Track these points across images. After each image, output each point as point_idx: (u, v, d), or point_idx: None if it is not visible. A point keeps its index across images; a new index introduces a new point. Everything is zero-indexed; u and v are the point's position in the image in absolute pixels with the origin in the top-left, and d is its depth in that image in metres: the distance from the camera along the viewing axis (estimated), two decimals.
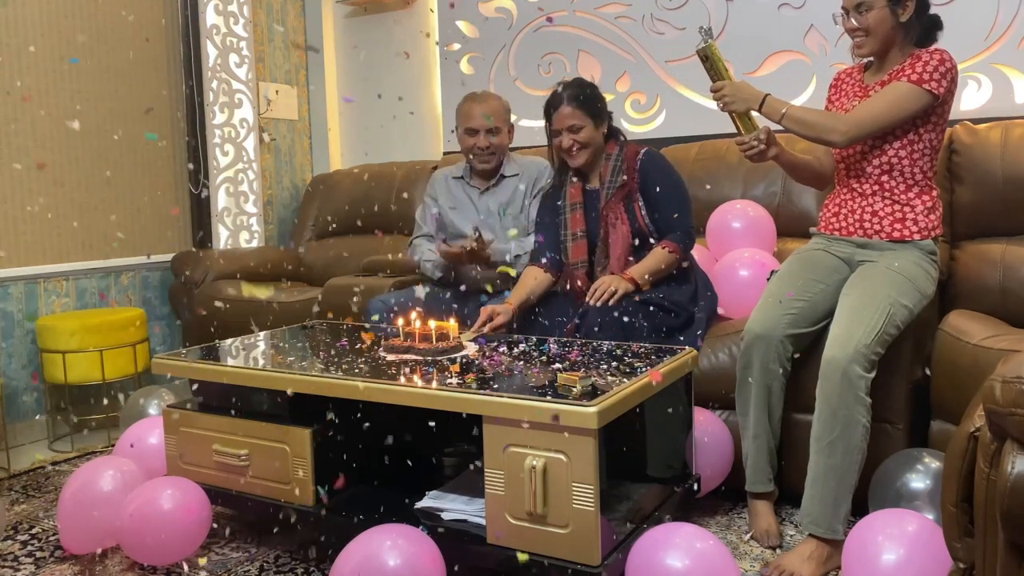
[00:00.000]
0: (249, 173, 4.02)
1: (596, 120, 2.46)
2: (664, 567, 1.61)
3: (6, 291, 3.19)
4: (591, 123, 2.44)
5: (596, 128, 2.46)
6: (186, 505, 2.02)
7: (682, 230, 2.42)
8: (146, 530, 1.97)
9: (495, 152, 2.80)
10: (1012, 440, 1.18)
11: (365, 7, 4.22)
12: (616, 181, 2.45)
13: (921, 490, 1.90)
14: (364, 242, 3.78)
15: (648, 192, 2.43)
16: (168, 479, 2.09)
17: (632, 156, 2.47)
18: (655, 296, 2.34)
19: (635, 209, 2.43)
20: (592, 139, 2.46)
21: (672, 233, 2.42)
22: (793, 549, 1.96)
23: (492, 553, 1.73)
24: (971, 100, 2.96)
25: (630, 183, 2.44)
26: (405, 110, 4.18)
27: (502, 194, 2.84)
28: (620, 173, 2.45)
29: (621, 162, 2.47)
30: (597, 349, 2.11)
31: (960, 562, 1.34)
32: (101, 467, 2.14)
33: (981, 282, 2.54)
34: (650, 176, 2.44)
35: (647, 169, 2.45)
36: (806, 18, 3.17)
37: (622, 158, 2.48)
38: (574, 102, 2.44)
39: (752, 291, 2.54)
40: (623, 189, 2.45)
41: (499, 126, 2.78)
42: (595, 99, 2.46)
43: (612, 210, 2.45)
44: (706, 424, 2.21)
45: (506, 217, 2.81)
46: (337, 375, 1.93)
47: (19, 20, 3.22)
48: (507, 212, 2.82)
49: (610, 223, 2.45)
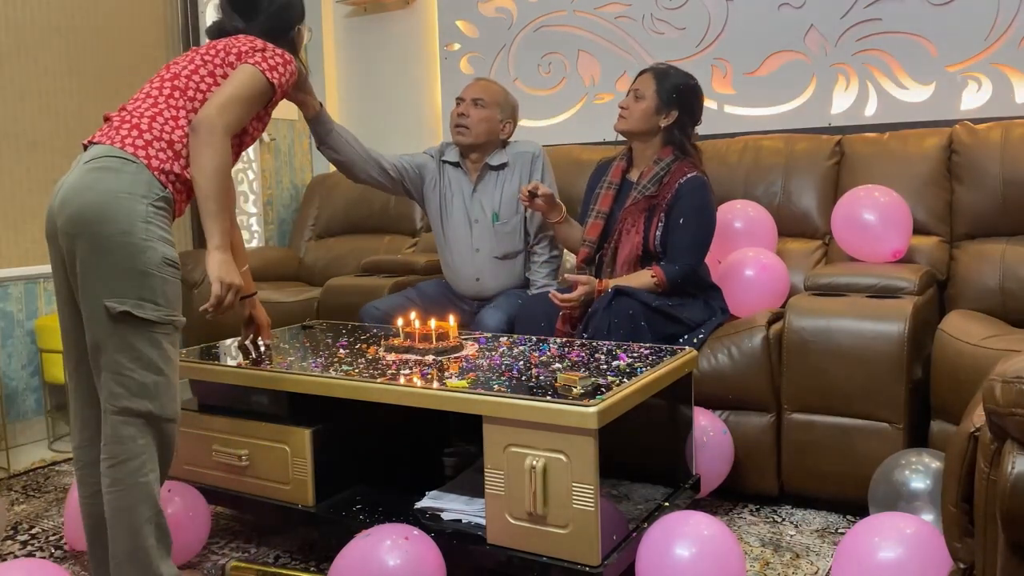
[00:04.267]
0: (249, 173, 4.02)
1: (663, 103, 2.43)
2: (674, 555, 1.64)
3: (6, 291, 3.19)
4: (656, 100, 2.44)
5: (657, 112, 2.44)
6: (184, 511, 2.01)
7: (681, 265, 2.38)
8: None
9: (470, 127, 2.70)
10: (1012, 440, 1.18)
11: (365, 7, 4.22)
12: (647, 189, 2.42)
13: (921, 490, 1.90)
14: (364, 242, 3.78)
15: (672, 216, 2.39)
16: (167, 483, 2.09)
17: (677, 175, 2.41)
18: (665, 304, 2.34)
19: (652, 224, 2.40)
20: (645, 112, 2.45)
21: (671, 264, 2.38)
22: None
23: (492, 553, 1.74)
24: (971, 100, 2.96)
25: (659, 199, 2.40)
26: (405, 110, 4.17)
27: (495, 193, 2.75)
28: (656, 185, 2.41)
29: (664, 175, 2.42)
30: (597, 349, 2.11)
31: (960, 562, 1.34)
32: None
33: (981, 282, 2.54)
34: (681, 203, 2.37)
35: (682, 195, 2.38)
36: (806, 18, 3.17)
37: (668, 172, 2.42)
38: (653, 72, 2.48)
39: (755, 292, 2.55)
40: (649, 200, 2.41)
41: (484, 99, 2.71)
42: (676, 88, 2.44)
43: (631, 216, 2.44)
44: (706, 424, 2.21)
45: (499, 224, 2.75)
46: (337, 375, 1.93)
47: (19, 20, 3.22)
48: (499, 219, 2.75)
49: (624, 230, 2.45)
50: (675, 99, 2.44)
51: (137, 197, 1.61)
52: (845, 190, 2.70)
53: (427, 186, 2.83)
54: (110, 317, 1.59)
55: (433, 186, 2.82)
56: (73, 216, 1.61)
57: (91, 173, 1.63)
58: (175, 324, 1.66)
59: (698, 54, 3.39)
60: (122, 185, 1.61)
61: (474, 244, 2.76)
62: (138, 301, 1.59)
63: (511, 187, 2.75)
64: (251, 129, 1.88)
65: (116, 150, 1.65)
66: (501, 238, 2.76)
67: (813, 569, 1.97)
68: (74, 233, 1.61)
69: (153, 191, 1.64)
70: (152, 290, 1.61)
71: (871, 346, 2.15)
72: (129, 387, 1.61)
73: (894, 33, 3.03)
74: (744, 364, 2.29)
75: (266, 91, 1.81)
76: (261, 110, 1.85)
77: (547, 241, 2.77)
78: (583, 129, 3.60)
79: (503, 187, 2.76)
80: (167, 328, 1.64)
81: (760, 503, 2.35)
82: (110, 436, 1.63)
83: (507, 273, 2.79)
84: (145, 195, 1.62)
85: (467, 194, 2.79)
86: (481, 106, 2.72)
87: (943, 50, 2.97)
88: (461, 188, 2.80)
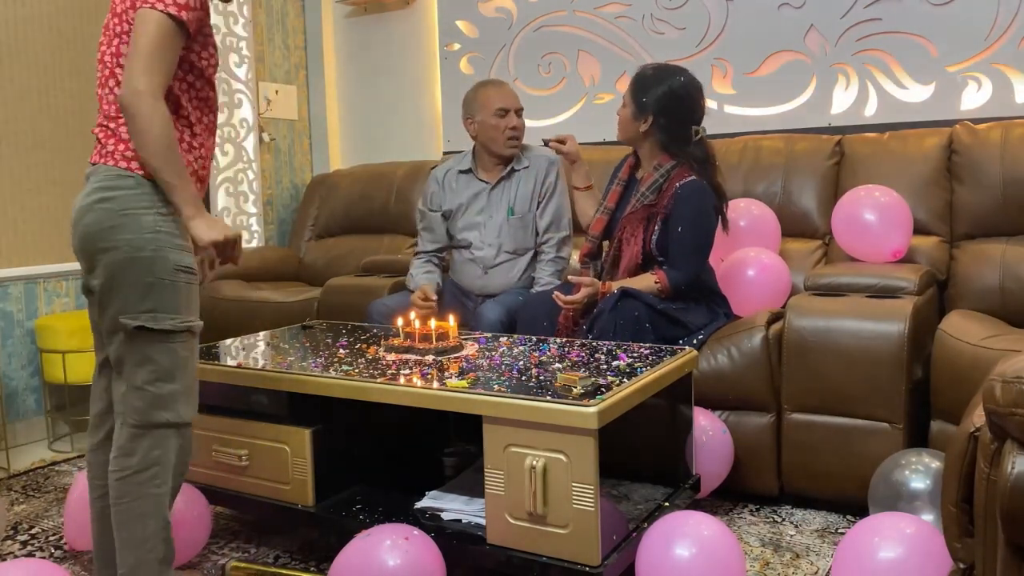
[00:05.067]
0: (249, 173, 4.02)
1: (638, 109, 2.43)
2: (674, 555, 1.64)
3: (6, 291, 3.19)
4: (632, 106, 2.44)
5: (635, 119, 2.44)
6: (187, 510, 2.01)
7: (684, 272, 2.37)
8: None
9: (521, 137, 2.78)
10: (1012, 440, 1.18)
11: (365, 7, 4.22)
12: (646, 198, 2.42)
13: (921, 490, 1.90)
14: (364, 242, 3.78)
15: (671, 223, 2.38)
16: None
17: (675, 181, 2.39)
18: (669, 308, 2.34)
19: (650, 230, 2.40)
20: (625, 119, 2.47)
21: (673, 269, 2.37)
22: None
23: (492, 553, 1.73)
24: (971, 100, 2.96)
25: (657, 207, 2.40)
26: (405, 110, 4.18)
27: (511, 190, 2.79)
28: (655, 193, 2.41)
29: (663, 182, 2.41)
30: (597, 349, 2.11)
31: (960, 562, 1.34)
32: None
33: (981, 282, 2.54)
34: (678, 209, 2.36)
35: (678, 202, 2.37)
36: (806, 18, 3.17)
37: (667, 179, 2.41)
38: (633, 77, 2.48)
39: (756, 291, 2.55)
40: (647, 209, 2.41)
41: (522, 107, 2.79)
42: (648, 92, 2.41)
43: (630, 225, 2.44)
44: (706, 424, 2.21)
45: (514, 217, 2.79)
46: (337, 375, 1.93)
47: (18, 19, 3.22)
48: (514, 212, 2.79)
49: (624, 239, 2.46)
50: (647, 104, 2.41)
51: (139, 211, 1.61)
52: (845, 190, 2.70)
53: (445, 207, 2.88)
54: (126, 333, 1.60)
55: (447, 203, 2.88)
56: (81, 240, 1.64)
57: (91, 196, 1.64)
58: (192, 330, 1.66)
59: (698, 54, 3.39)
60: (123, 204, 1.61)
61: (485, 239, 2.79)
62: (152, 314, 1.60)
63: (527, 186, 2.79)
64: (198, 60, 1.69)
65: (111, 168, 1.64)
66: (515, 232, 2.79)
67: (813, 569, 1.97)
68: (84, 256, 1.64)
69: (156, 200, 1.63)
70: (166, 300, 1.61)
71: (871, 346, 2.15)
72: (147, 400, 1.62)
73: (894, 33, 3.03)
74: (744, 364, 2.29)
75: (175, 29, 1.58)
76: (189, 40, 1.64)
77: (555, 241, 2.79)
78: (583, 129, 3.59)
79: (519, 185, 2.80)
80: (183, 336, 1.64)
81: (760, 503, 2.35)
82: (122, 447, 1.63)
83: (514, 269, 2.81)
84: (148, 206, 1.62)
85: (483, 193, 2.82)
86: (521, 115, 2.79)
87: (943, 50, 2.97)
88: (472, 189, 2.84)
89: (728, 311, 2.49)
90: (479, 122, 2.76)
